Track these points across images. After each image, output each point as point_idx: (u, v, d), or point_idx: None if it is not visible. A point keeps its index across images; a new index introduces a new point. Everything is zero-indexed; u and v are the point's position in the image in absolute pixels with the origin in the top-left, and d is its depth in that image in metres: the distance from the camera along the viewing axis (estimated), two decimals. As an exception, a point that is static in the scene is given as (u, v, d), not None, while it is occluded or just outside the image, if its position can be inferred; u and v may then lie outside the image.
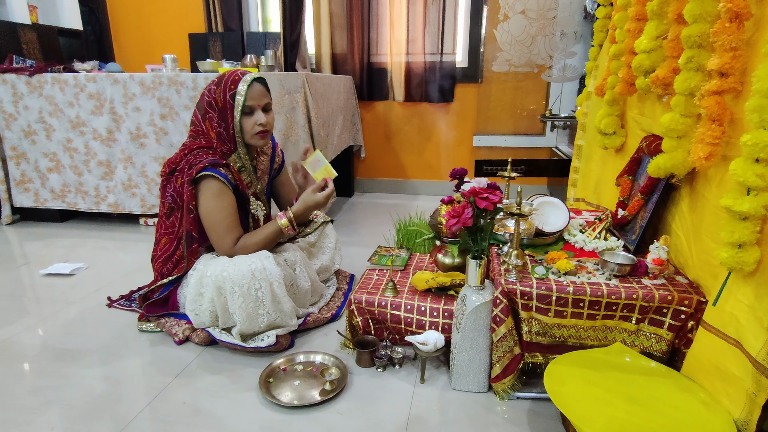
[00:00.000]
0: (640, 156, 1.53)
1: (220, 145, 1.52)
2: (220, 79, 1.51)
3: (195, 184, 1.46)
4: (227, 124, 1.51)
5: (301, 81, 2.38)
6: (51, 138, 2.61)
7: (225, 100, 1.48)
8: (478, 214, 1.21)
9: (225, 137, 1.52)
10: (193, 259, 1.52)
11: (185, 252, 1.52)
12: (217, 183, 1.46)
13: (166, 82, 2.42)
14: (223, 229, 1.49)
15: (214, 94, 1.50)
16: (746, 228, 0.91)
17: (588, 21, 2.93)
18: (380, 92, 3.45)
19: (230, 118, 1.50)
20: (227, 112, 1.49)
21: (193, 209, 1.48)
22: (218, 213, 1.48)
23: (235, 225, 1.51)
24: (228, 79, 1.49)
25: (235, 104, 1.48)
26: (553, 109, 3.16)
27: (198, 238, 1.51)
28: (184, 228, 1.50)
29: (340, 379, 1.31)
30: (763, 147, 0.85)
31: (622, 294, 1.14)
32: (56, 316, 1.70)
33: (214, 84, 1.51)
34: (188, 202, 1.47)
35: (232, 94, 1.48)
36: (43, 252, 2.36)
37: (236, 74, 1.50)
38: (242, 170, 1.58)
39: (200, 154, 1.48)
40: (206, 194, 1.46)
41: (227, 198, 1.48)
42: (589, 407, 0.99)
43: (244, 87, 1.48)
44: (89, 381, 1.33)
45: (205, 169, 1.44)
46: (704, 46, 1.10)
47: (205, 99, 1.52)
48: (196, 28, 3.53)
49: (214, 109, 1.50)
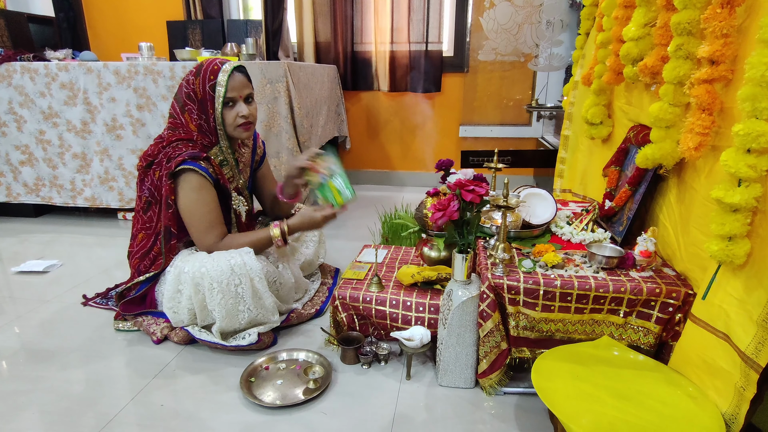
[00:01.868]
0: (627, 146, 1.51)
1: (201, 138, 1.46)
2: (198, 68, 1.44)
3: (174, 177, 1.40)
4: (207, 116, 1.44)
5: (284, 70, 2.32)
6: (22, 130, 2.51)
7: (205, 91, 1.42)
8: (464, 206, 1.18)
9: (206, 129, 1.46)
10: (172, 255, 1.46)
11: (163, 248, 1.46)
12: (198, 177, 1.40)
13: (142, 71, 2.34)
14: (206, 226, 1.43)
15: (192, 84, 1.43)
16: (737, 220, 0.90)
17: (574, 9, 2.91)
18: (365, 82, 3.39)
19: (211, 110, 1.43)
20: (207, 103, 1.43)
21: (171, 204, 1.42)
22: (199, 208, 1.42)
23: (218, 221, 1.46)
24: (207, 68, 1.43)
25: (216, 95, 1.42)
26: (540, 99, 3.14)
27: (177, 234, 1.46)
28: (162, 223, 1.45)
29: (324, 377, 1.28)
30: (756, 137, 0.83)
31: (610, 287, 1.13)
32: (30, 316, 1.63)
33: (192, 74, 1.44)
34: (167, 197, 1.41)
35: (212, 85, 1.41)
36: (17, 248, 2.28)
37: (215, 63, 1.44)
38: (224, 164, 1.53)
39: (179, 146, 1.42)
40: (186, 189, 1.41)
41: (208, 193, 1.43)
42: (577, 403, 0.97)
43: (224, 77, 1.41)
44: (63, 384, 1.28)
45: (184, 162, 1.38)
46: (694, 33, 1.07)
47: (184, 90, 1.45)
48: (175, 15, 3.42)
49: (193, 101, 1.44)
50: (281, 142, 2.37)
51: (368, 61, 3.34)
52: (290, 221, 1.50)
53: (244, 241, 1.45)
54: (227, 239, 1.45)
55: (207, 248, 1.44)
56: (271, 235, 1.48)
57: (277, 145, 2.37)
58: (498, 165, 1.57)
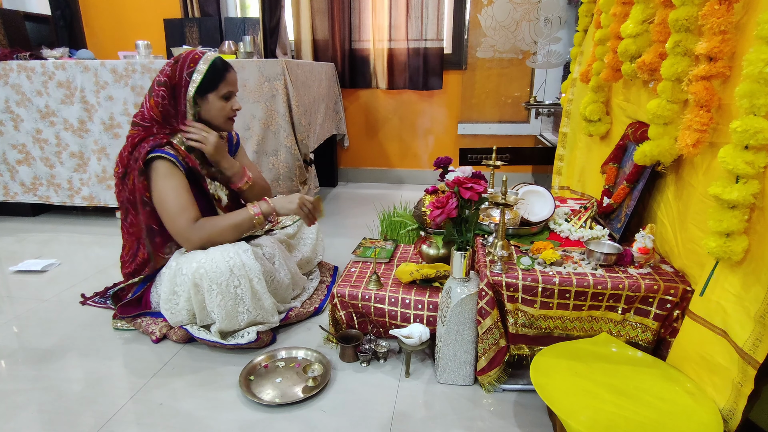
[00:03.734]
0: (625, 143, 1.51)
1: (161, 128, 1.44)
2: (178, 57, 1.46)
3: (144, 173, 1.39)
4: (177, 101, 1.44)
5: (281, 68, 2.31)
6: (19, 129, 2.50)
7: (181, 77, 1.42)
8: (462, 204, 1.18)
9: (172, 115, 1.45)
10: (160, 254, 1.46)
11: (150, 248, 1.45)
12: (165, 163, 1.39)
13: (139, 70, 2.33)
14: (177, 210, 1.40)
15: (168, 73, 1.43)
16: (734, 217, 0.90)
17: (572, 6, 2.90)
18: (363, 80, 3.38)
19: (184, 95, 1.44)
20: (181, 89, 1.43)
21: (147, 201, 1.40)
22: (169, 193, 1.40)
23: (189, 204, 1.42)
24: (188, 56, 1.45)
25: (192, 81, 1.42)
26: (538, 96, 3.14)
27: (159, 231, 1.44)
28: (143, 223, 1.43)
29: (323, 375, 1.28)
30: (753, 133, 0.83)
31: (608, 284, 1.13)
32: (28, 315, 1.63)
33: (170, 64, 1.45)
34: (142, 195, 1.40)
35: (189, 72, 1.42)
36: (15, 248, 2.27)
37: (196, 53, 1.46)
38: (191, 151, 1.49)
39: (142, 144, 1.40)
40: (155, 178, 1.39)
41: (177, 178, 1.41)
42: (575, 400, 0.98)
43: (204, 66, 1.43)
44: (62, 383, 1.28)
45: (149, 152, 1.37)
46: (692, 29, 1.07)
47: (157, 79, 1.45)
48: (172, 13, 3.41)
49: (166, 86, 1.43)
50: (279, 140, 2.37)
51: (366, 58, 3.33)
52: (272, 200, 1.51)
53: (222, 223, 1.43)
54: (203, 221, 1.42)
55: (182, 235, 1.41)
56: (250, 213, 1.46)
57: (275, 143, 2.37)
58: (496, 162, 1.57)
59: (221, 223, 1.44)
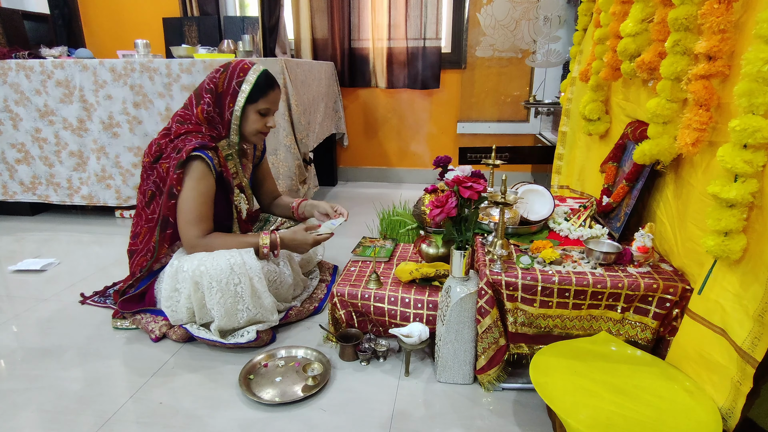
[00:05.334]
0: (624, 142, 1.51)
1: (209, 130, 1.47)
2: (227, 65, 1.48)
3: (183, 167, 1.39)
4: (222, 110, 1.46)
5: (281, 67, 2.31)
6: (18, 128, 2.50)
7: (229, 86, 1.45)
8: (462, 203, 1.18)
9: (217, 122, 1.48)
10: (165, 245, 1.46)
11: (158, 236, 1.45)
12: (202, 165, 1.40)
13: (138, 69, 2.33)
14: (194, 216, 1.41)
15: (215, 79, 1.46)
16: (733, 215, 0.90)
17: (572, 5, 2.90)
18: (362, 79, 3.38)
19: (231, 104, 1.46)
20: (227, 97, 1.45)
21: (176, 194, 1.40)
22: (193, 199, 1.40)
23: (207, 216, 1.44)
24: (237, 65, 1.47)
25: (241, 91, 1.45)
26: (537, 95, 3.13)
27: (173, 224, 1.44)
28: (162, 212, 1.43)
29: (323, 374, 1.29)
30: (752, 132, 0.83)
31: (608, 283, 1.13)
32: (27, 315, 1.63)
33: (218, 71, 1.48)
34: (171, 186, 1.39)
35: (239, 81, 1.45)
36: (14, 247, 2.27)
37: (246, 63, 1.48)
38: (229, 159, 1.52)
39: (189, 138, 1.42)
40: (189, 177, 1.40)
41: (207, 184, 1.42)
42: (575, 398, 0.98)
43: (254, 77, 1.46)
44: (62, 382, 1.28)
45: (194, 150, 1.38)
46: (691, 28, 1.07)
47: (205, 85, 1.48)
48: (171, 12, 3.41)
49: (212, 93, 1.46)
50: (279, 140, 2.37)
51: (366, 57, 3.33)
52: (282, 233, 1.50)
53: (227, 243, 1.43)
54: (210, 238, 1.43)
55: (189, 242, 1.41)
56: (259, 243, 1.46)
57: (275, 143, 2.36)
58: (496, 161, 1.57)
59: (230, 242, 1.44)
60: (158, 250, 1.46)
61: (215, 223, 1.47)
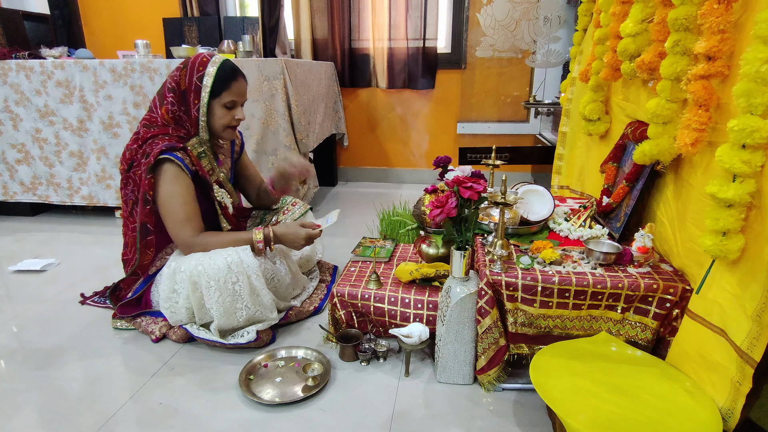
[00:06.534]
0: (624, 142, 1.51)
1: (176, 130, 1.44)
2: (186, 61, 1.44)
3: (153, 171, 1.38)
4: (188, 107, 1.43)
5: (281, 67, 2.31)
6: (18, 128, 2.50)
7: (191, 82, 1.41)
8: (462, 203, 1.18)
9: (184, 120, 1.45)
10: (148, 251, 1.46)
11: (138, 244, 1.44)
12: (173, 167, 1.38)
13: (138, 69, 2.33)
14: (181, 219, 1.40)
15: (177, 77, 1.42)
16: (731, 215, 0.90)
17: (572, 5, 2.90)
18: (363, 79, 3.38)
19: (196, 101, 1.42)
20: (191, 94, 1.41)
21: (150, 200, 1.39)
22: (174, 200, 1.39)
23: (194, 215, 1.43)
24: (196, 60, 1.42)
25: (203, 85, 1.40)
26: (537, 96, 3.14)
27: (153, 231, 1.44)
28: (139, 219, 1.42)
29: (323, 374, 1.29)
30: (750, 132, 0.83)
31: (608, 283, 1.13)
32: (27, 315, 1.63)
33: (178, 68, 1.44)
34: (145, 192, 1.39)
35: (199, 76, 1.40)
36: (14, 247, 2.27)
37: (204, 56, 1.44)
38: (202, 156, 1.49)
39: (156, 141, 1.40)
40: (162, 180, 1.39)
41: (183, 184, 1.40)
42: (575, 399, 0.98)
43: (213, 69, 1.41)
44: (61, 383, 1.28)
45: (162, 153, 1.37)
46: (691, 29, 1.07)
47: (167, 85, 1.44)
48: (171, 12, 3.41)
49: (174, 92, 1.43)
50: (278, 140, 2.37)
51: (366, 57, 3.33)
52: (276, 228, 1.49)
53: (222, 241, 1.42)
54: (205, 236, 1.42)
55: (184, 243, 1.41)
56: (253, 239, 1.45)
57: (275, 143, 2.36)
58: (496, 162, 1.57)
59: (225, 240, 1.43)
60: (141, 257, 1.45)
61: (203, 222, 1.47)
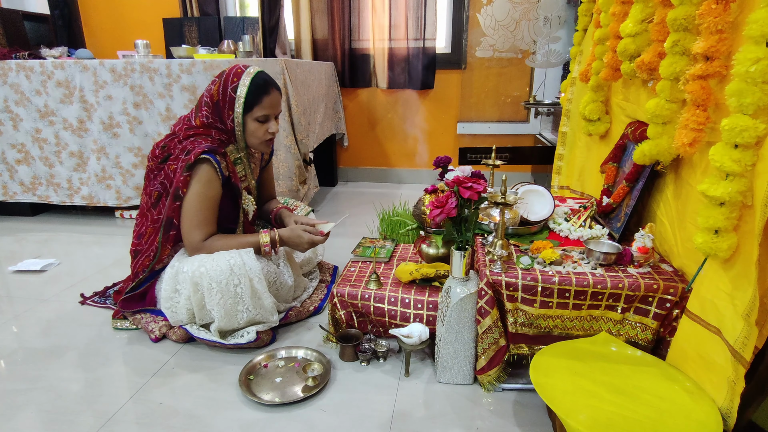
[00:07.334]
0: (624, 142, 1.51)
1: (218, 134, 1.47)
2: (221, 74, 1.46)
3: (190, 170, 1.39)
4: (223, 119, 1.45)
5: (281, 67, 2.31)
6: (18, 128, 2.50)
7: (225, 94, 1.43)
8: (462, 203, 1.18)
9: (222, 129, 1.47)
10: (168, 246, 1.46)
11: (161, 238, 1.44)
12: (209, 169, 1.40)
13: (138, 69, 2.33)
14: (198, 221, 1.41)
15: (211, 91, 1.45)
16: (722, 214, 0.90)
17: (572, 5, 2.90)
18: (363, 79, 3.38)
19: (228, 112, 1.44)
20: (225, 106, 1.43)
21: (181, 196, 1.40)
22: (199, 202, 1.40)
23: (211, 221, 1.44)
24: (230, 72, 1.44)
25: (237, 97, 1.42)
26: (537, 96, 3.14)
27: (177, 225, 1.44)
28: (166, 214, 1.43)
29: (323, 374, 1.29)
30: (740, 132, 0.84)
31: (608, 283, 1.13)
32: (27, 315, 1.63)
33: (214, 82, 1.46)
34: (177, 188, 1.39)
35: (234, 87, 1.42)
36: (14, 247, 2.27)
37: (238, 67, 1.45)
38: (238, 162, 1.52)
39: (198, 140, 1.42)
40: (195, 180, 1.39)
41: (213, 189, 1.42)
42: (575, 399, 0.98)
43: (248, 79, 1.42)
44: (61, 383, 1.28)
45: (203, 153, 1.38)
46: (690, 29, 1.07)
47: (203, 99, 1.47)
48: (171, 12, 3.41)
49: (208, 106, 1.45)
50: (279, 140, 2.37)
51: (366, 58, 3.33)
52: (281, 232, 1.50)
53: (228, 244, 1.43)
54: (213, 239, 1.43)
55: (192, 245, 1.42)
56: (260, 242, 1.46)
57: (275, 143, 2.36)
58: (496, 162, 1.57)
59: (231, 243, 1.44)
60: (161, 250, 1.46)
61: (221, 225, 1.48)
